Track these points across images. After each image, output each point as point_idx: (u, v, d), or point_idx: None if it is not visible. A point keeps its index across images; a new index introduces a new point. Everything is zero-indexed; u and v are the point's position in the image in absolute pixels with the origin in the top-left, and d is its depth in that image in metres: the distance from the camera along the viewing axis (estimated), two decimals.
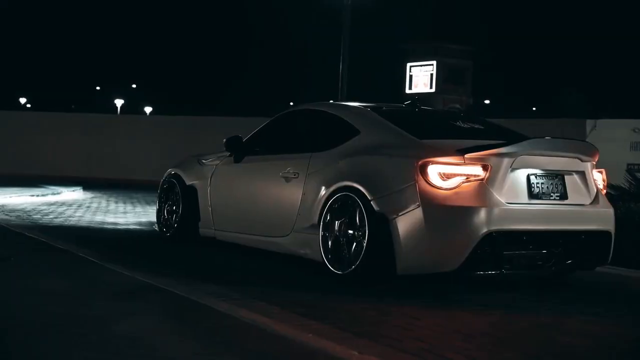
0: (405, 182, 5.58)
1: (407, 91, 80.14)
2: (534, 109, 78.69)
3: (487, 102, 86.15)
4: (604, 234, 6.02)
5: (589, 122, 22.41)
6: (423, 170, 5.52)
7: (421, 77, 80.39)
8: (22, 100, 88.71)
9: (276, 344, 3.90)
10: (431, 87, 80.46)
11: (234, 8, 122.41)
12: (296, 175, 6.52)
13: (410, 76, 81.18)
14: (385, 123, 6.28)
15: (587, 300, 5.73)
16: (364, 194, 5.74)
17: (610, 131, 21.52)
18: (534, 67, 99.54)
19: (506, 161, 5.58)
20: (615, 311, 5.37)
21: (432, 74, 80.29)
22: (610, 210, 6.11)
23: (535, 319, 4.87)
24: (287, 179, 6.60)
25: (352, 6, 20.21)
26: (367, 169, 5.94)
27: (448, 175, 5.50)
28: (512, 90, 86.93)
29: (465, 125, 6.56)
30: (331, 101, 9.24)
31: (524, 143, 5.73)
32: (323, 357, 3.70)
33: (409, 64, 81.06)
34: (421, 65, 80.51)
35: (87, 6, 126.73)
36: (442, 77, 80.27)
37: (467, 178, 5.50)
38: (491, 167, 5.53)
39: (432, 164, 5.51)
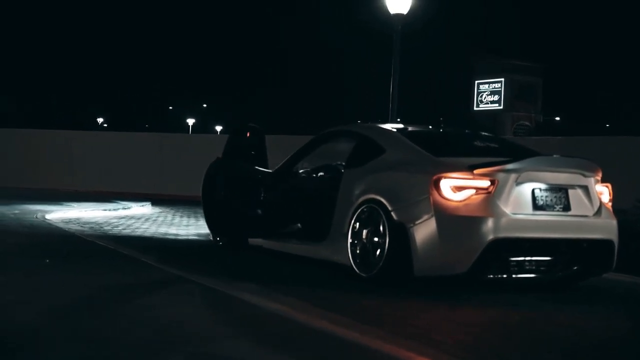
0: (421, 195, 6.31)
1: (475, 108, 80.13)
2: (607, 125, 77.70)
3: (557, 118, 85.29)
4: (607, 242, 6.61)
5: None
6: (437, 184, 6.24)
7: (489, 94, 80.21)
8: (100, 120, 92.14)
9: (293, 327, 4.68)
10: (500, 105, 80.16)
11: (291, 31, 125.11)
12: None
13: (479, 93, 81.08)
14: (407, 142, 7.02)
15: (589, 302, 6.36)
16: (385, 205, 6.50)
17: None
18: (610, 83, 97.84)
19: (512, 176, 6.26)
20: (611, 311, 5.99)
21: (500, 91, 79.99)
22: (613, 222, 6.69)
23: (530, 314, 5.54)
24: None
25: (404, 30, 20.84)
26: (389, 183, 6.70)
27: (459, 188, 6.21)
28: (585, 107, 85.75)
29: (481, 144, 7.27)
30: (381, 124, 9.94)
31: (530, 160, 6.42)
32: (330, 338, 4.43)
33: (476, 81, 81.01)
34: (489, 82, 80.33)
35: (159, 29, 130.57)
36: (511, 94, 79.88)
37: (476, 191, 6.20)
38: (498, 181, 6.22)
39: (445, 178, 6.24)
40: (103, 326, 4.43)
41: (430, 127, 7.89)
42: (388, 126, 7.66)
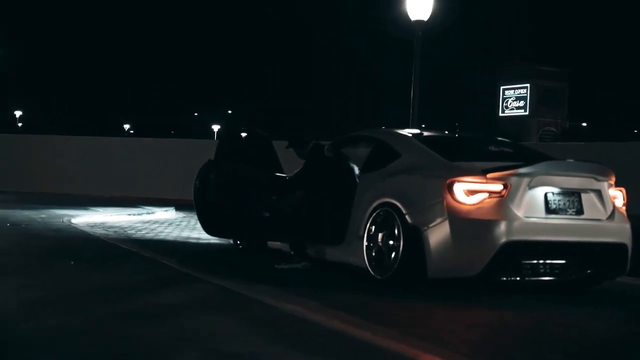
0: (435, 198, 6.43)
1: (501, 114, 79.81)
2: (635, 131, 77.02)
3: (584, 124, 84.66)
4: (620, 246, 6.67)
5: None
6: (450, 188, 6.35)
7: (515, 100, 79.87)
8: (126, 126, 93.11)
9: (306, 327, 4.81)
10: (525, 110, 79.76)
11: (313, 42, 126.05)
12: None
13: (504, 99, 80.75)
14: (422, 147, 7.14)
15: (596, 304, 6.43)
16: (400, 208, 6.62)
17: None
18: (638, 88, 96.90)
19: (525, 180, 6.35)
20: (616, 313, 6.06)
21: (526, 97, 79.59)
22: (626, 225, 6.75)
23: (537, 316, 5.64)
24: None
25: (426, 36, 20.88)
26: (404, 187, 6.82)
27: (472, 192, 6.32)
28: (612, 112, 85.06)
29: (496, 149, 7.36)
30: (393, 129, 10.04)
31: (542, 164, 6.51)
32: (342, 337, 4.56)
33: (502, 87, 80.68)
34: (515, 88, 79.96)
35: (185, 37, 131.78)
36: (537, 100, 79.45)
37: (489, 195, 6.30)
38: (511, 185, 6.31)
39: (458, 182, 6.35)
40: (119, 324, 4.60)
41: (446, 132, 8.00)
42: (404, 131, 7.78)
